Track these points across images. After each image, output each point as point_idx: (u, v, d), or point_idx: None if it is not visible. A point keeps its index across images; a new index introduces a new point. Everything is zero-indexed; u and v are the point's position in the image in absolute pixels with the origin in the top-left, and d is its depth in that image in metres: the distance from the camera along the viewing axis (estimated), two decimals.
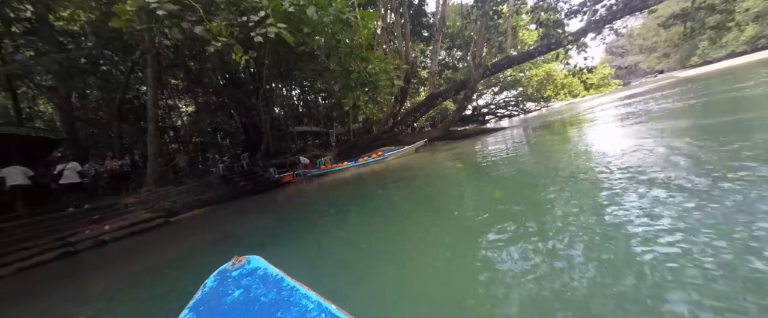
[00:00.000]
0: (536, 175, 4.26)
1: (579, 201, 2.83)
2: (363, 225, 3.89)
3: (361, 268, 2.57)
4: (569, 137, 7.88)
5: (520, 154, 6.71)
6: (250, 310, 0.74)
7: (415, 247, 2.80)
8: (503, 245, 2.24)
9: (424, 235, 3.06)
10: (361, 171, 10.97)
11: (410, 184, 6.00)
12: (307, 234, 4.00)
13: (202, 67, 13.93)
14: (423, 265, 2.36)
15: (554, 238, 2.17)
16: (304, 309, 0.69)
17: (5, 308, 3.50)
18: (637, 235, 1.95)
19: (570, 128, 9.73)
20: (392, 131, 14.66)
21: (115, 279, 3.79)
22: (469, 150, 9.91)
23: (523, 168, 5.09)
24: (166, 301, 2.68)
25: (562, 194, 3.13)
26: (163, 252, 4.78)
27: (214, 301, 0.80)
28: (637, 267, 1.63)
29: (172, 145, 19.60)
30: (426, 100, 15.15)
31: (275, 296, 0.76)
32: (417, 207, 4.25)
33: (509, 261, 2.01)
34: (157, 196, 8.96)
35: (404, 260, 2.54)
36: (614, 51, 71.12)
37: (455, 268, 2.16)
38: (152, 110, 9.28)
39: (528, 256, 2.02)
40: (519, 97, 35.57)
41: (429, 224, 3.34)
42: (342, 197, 6.27)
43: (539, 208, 2.94)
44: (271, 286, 0.81)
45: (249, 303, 0.76)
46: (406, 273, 2.28)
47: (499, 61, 13.21)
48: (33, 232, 6.37)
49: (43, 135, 7.91)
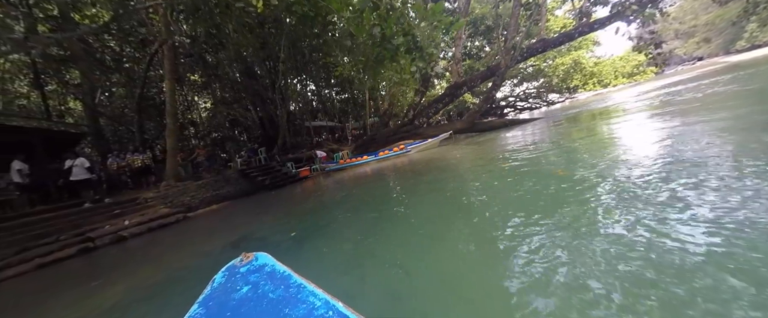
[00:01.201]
0: (598, 178, 3.42)
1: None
2: (403, 239, 3.16)
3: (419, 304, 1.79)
4: (614, 131, 6.89)
5: (565, 149, 5.89)
6: (258, 306, 0.75)
7: (478, 273, 2.18)
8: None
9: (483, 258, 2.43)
10: (383, 165, 10.41)
11: (442, 182, 5.37)
12: (337, 243, 3.45)
13: (218, 59, 13.78)
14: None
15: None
16: (311, 306, 0.69)
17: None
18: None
19: (611, 120, 8.66)
20: (412, 124, 13.95)
21: (134, 283, 3.44)
22: (498, 143, 9.11)
23: (577, 166, 4.30)
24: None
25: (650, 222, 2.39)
26: (180, 251, 4.44)
27: (223, 296, 0.81)
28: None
29: (192, 141, 19.92)
30: (448, 90, 14.22)
31: (283, 293, 0.77)
32: (462, 213, 3.62)
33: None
34: (176, 190, 8.82)
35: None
36: (645, 37, 66.15)
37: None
38: (170, 104, 9.11)
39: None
40: (541, 88, 33.53)
41: (482, 241, 2.69)
42: (368, 196, 5.71)
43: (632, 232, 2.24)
44: (279, 282, 0.81)
45: (257, 299, 0.77)
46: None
47: (534, 45, 11.94)
48: (54, 227, 6.29)
49: (65, 129, 7.89)
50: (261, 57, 15.26)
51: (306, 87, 22.16)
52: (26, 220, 6.52)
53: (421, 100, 14.91)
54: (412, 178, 6.53)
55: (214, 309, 0.77)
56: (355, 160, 12.89)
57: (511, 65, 12.23)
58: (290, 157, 14.73)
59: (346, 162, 13.03)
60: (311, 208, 5.42)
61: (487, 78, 13.64)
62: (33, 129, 7.33)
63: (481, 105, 14.05)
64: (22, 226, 6.37)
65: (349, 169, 12.26)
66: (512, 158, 5.64)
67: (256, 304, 0.75)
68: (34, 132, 7.42)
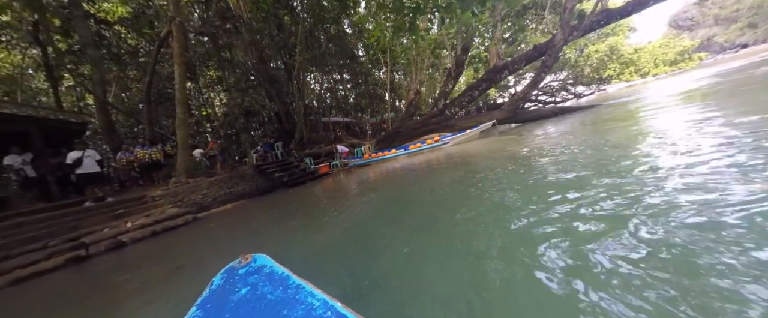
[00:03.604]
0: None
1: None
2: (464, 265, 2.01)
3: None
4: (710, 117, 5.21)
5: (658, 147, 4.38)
6: (257, 308, 0.74)
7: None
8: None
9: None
10: (414, 161, 9.11)
11: (499, 183, 4.02)
12: (419, 290, 2.27)
13: (232, 43, 12.87)
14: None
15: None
16: (310, 306, 0.69)
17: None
18: None
19: (695, 105, 6.90)
20: (442, 115, 12.54)
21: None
22: (557, 136, 7.61)
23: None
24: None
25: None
26: (181, 272, 3.34)
27: (222, 298, 0.80)
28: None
29: (207, 136, 19.34)
30: (487, 75, 12.60)
31: (281, 294, 0.76)
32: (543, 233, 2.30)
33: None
34: (187, 188, 7.88)
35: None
36: (681, 24, 60.81)
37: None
38: (180, 90, 8.16)
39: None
40: (567, 80, 30.89)
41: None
42: (414, 203, 4.43)
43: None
44: (277, 283, 0.80)
45: (256, 300, 0.76)
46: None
47: (596, 17, 10.05)
48: (47, 230, 5.40)
49: (65, 118, 7.05)
50: (277, 44, 14.29)
51: (324, 83, 21.32)
52: (20, 221, 5.67)
53: (453, 88, 13.39)
54: (468, 179, 5.18)
55: (212, 311, 0.76)
56: (382, 154, 11.64)
57: (567, 41, 10.43)
58: (308, 152, 13.71)
59: (370, 157, 11.82)
60: (350, 219, 4.18)
61: (534, 59, 11.98)
62: (28, 118, 6.49)
63: (527, 90, 12.28)
64: (15, 228, 5.52)
65: (374, 165, 11.04)
66: (609, 157, 4.21)
67: (254, 306, 0.75)
68: (30, 121, 6.58)
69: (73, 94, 18.17)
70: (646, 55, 27.77)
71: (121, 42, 15.28)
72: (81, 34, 11.00)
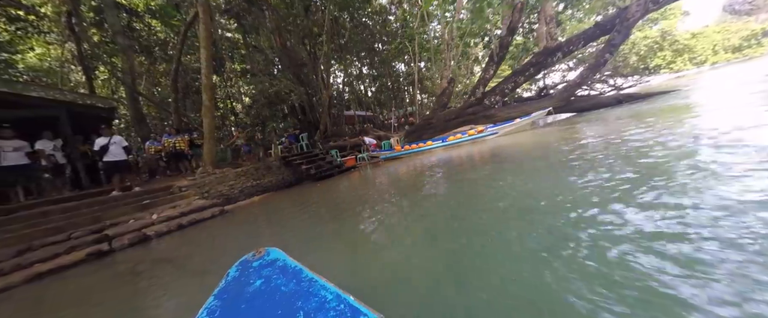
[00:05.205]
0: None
1: None
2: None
3: None
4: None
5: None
6: (271, 299, 0.75)
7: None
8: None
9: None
10: (455, 154, 8.17)
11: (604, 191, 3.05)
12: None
13: (258, 24, 12.44)
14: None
15: None
16: (323, 299, 0.69)
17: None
18: None
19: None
20: (480, 104, 11.40)
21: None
22: (639, 128, 6.39)
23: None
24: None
25: None
26: (210, 274, 2.72)
27: (237, 289, 0.83)
28: None
29: (230, 128, 19.33)
30: (536, 58, 11.25)
31: (295, 286, 0.78)
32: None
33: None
34: (213, 179, 7.46)
35: None
36: (737, 8, 54.12)
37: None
38: (206, 75, 7.72)
39: None
40: (605, 70, 28.02)
41: None
42: (468, 205, 3.57)
43: None
44: (291, 276, 0.83)
45: (270, 292, 0.78)
46: None
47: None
48: (72, 220, 5.08)
49: (92, 103, 6.79)
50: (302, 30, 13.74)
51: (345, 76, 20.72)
52: (46, 210, 5.41)
53: (494, 73, 12.10)
54: (535, 179, 4.23)
55: (229, 302, 0.78)
56: (416, 146, 10.77)
57: (644, 14, 8.73)
58: (333, 144, 13.13)
59: (402, 149, 10.99)
60: (401, 222, 3.41)
61: (595, 38, 10.53)
62: (56, 102, 6.24)
63: (587, 73, 10.73)
64: (41, 216, 5.26)
65: (405, 158, 10.21)
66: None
67: (269, 297, 0.76)
68: (59, 105, 6.34)
69: (108, 86, 18.75)
70: (705, 40, 24.65)
71: (150, 33, 15.38)
72: (111, 23, 10.95)
